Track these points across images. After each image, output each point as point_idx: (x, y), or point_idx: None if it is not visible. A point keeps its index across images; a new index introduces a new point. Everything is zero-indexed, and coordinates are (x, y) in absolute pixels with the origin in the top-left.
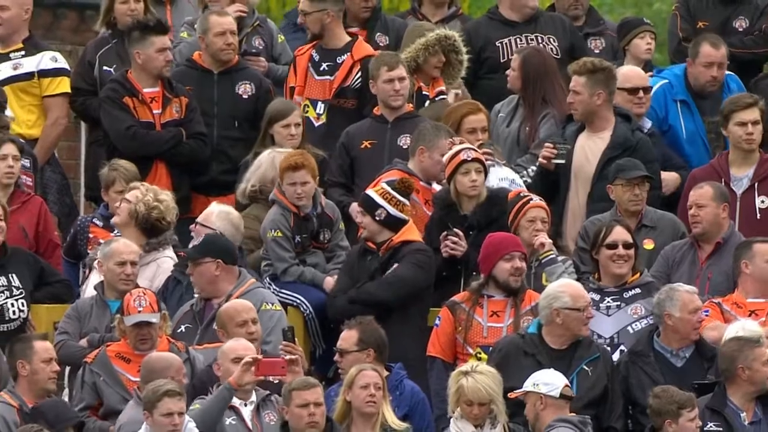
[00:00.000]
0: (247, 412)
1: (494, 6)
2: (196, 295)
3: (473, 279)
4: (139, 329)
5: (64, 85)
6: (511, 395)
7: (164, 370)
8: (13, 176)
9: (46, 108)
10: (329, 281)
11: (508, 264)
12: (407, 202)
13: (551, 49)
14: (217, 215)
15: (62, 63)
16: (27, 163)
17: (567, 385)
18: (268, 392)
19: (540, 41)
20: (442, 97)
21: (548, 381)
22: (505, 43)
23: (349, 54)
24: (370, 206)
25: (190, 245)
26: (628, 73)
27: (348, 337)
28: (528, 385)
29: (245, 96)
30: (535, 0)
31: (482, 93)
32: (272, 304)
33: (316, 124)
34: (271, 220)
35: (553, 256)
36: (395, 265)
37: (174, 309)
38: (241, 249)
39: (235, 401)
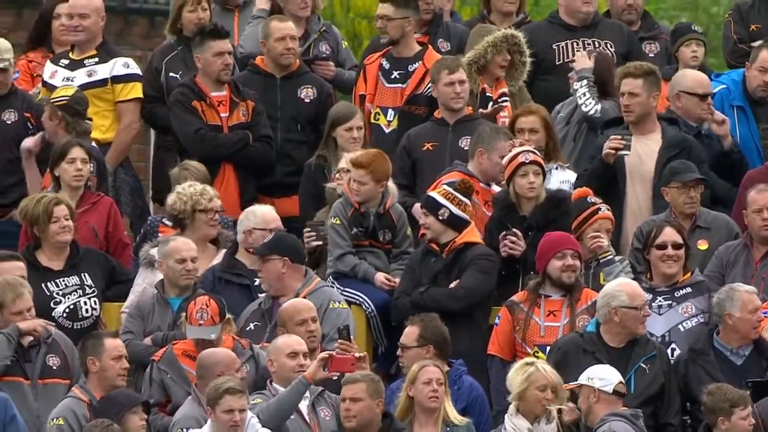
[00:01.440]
0: (303, 407)
1: (555, 10)
2: (263, 294)
3: (530, 278)
4: (198, 340)
5: (136, 90)
6: (566, 386)
7: (214, 365)
8: (81, 179)
9: (119, 113)
10: (379, 277)
11: (560, 261)
12: (469, 203)
13: (608, 54)
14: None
15: (134, 69)
16: (91, 167)
17: (621, 382)
18: (321, 388)
19: (597, 46)
20: (504, 99)
21: (603, 376)
22: (562, 47)
23: (420, 62)
24: (432, 207)
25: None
26: (700, 79)
27: (410, 333)
28: (582, 379)
29: (307, 100)
30: (590, 6)
31: (537, 94)
32: (339, 303)
33: (387, 131)
34: (334, 208)
35: (611, 257)
36: (462, 276)
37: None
38: None
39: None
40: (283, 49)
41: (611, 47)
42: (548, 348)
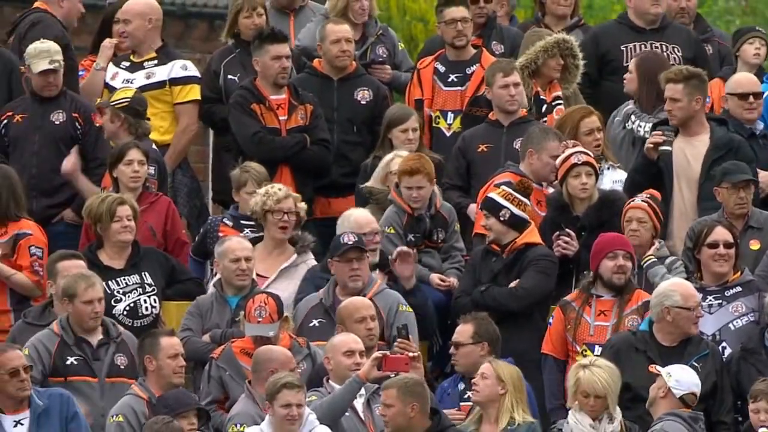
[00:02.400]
0: (359, 405)
1: (624, 12)
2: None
3: (583, 278)
4: (257, 337)
5: (194, 92)
6: (651, 368)
7: (269, 362)
8: (139, 180)
9: (177, 115)
10: (434, 278)
11: (611, 262)
12: (528, 203)
13: (674, 58)
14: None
15: (192, 71)
16: (152, 170)
17: (694, 394)
18: (377, 386)
19: (665, 49)
20: (558, 102)
21: (680, 379)
22: (630, 48)
23: (478, 64)
24: (493, 208)
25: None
26: (740, 78)
27: (463, 331)
28: (664, 371)
29: (363, 102)
30: (658, 7)
31: (604, 94)
32: (406, 306)
33: (448, 134)
34: (385, 218)
35: (654, 260)
36: (522, 276)
37: None
38: None
39: (361, 400)
40: (338, 51)
41: (678, 51)
42: (596, 347)
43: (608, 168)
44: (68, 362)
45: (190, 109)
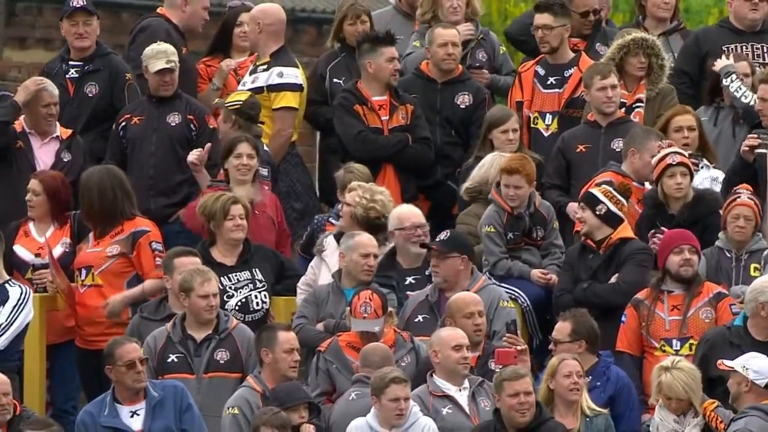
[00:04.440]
0: (463, 398)
1: (726, 17)
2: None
3: (652, 275)
4: (362, 333)
5: (287, 99)
6: (720, 365)
7: (366, 357)
8: (247, 173)
9: (273, 120)
10: (535, 273)
11: (678, 257)
12: (626, 203)
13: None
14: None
15: (288, 78)
16: (265, 171)
17: None
18: (481, 379)
19: (765, 51)
20: (639, 105)
21: (758, 369)
22: (731, 49)
23: (576, 67)
24: (591, 202)
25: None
26: None
27: (562, 329)
28: (737, 364)
29: (463, 106)
30: (756, 12)
31: (704, 93)
32: (507, 302)
33: (546, 135)
34: (486, 216)
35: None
36: (622, 271)
37: None
38: None
39: (450, 389)
40: (444, 54)
41: None
42: (674, 341)
43: (703, 167)
44: (169, 360)
45: (282, 116)
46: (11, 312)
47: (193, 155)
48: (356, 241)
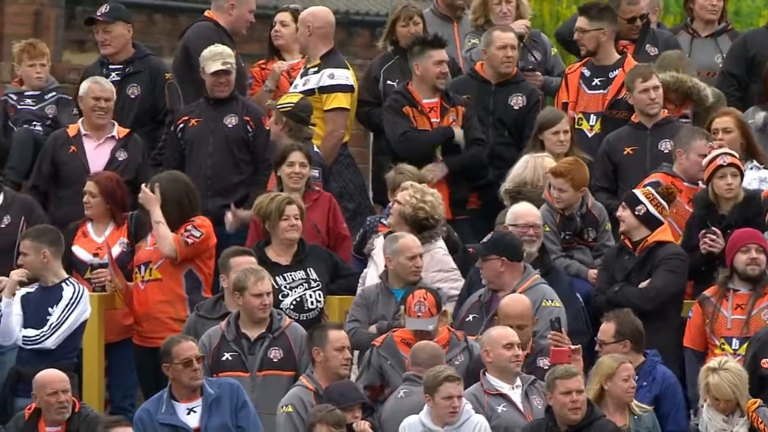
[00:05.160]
0: (516, 396)
1: None
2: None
3: (719, 273)
4: (417, 331)
5: (338, 100)
6: (764, 364)
7: (415, 355)
8: (300, 181)
9: (325, 121)
10: (591, 273)
11: (744, 255)
12: (667, 207)
13: None
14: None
15: (339, 80)
16: (316, 173)
17: None
18: (533, 377)
19: None
20: (686, 120)
21: None
22: None
23: (620, 69)
24: (632, 202)
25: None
26: None
27: (606, 330)
28: None
29: (516, 107)
30: None
31: (752, 96)
32: (551, 301)
33: (590, 135)
34: (541, 216)
35: None
36: (653, 276)
37: None
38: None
39: (504, 387)
40: (503, 57)
41: None
42: (734, 339)
43: (751, 168)
44: (223, 358)
45: (334, 117)
46: (63, 311)
47: (230, 225)
48: (401, 244)
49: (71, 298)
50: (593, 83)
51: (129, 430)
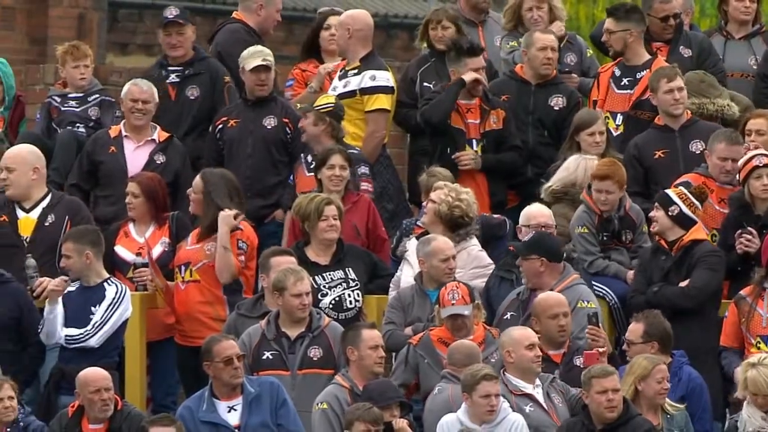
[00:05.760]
0: (540, 396)
1: None
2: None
3: (755, 272)
4: (453, 320)
5: (380, 101)
6: None
7: (452, 355)
8: (340, 183)
9: (366, 122)
10: (630, 275)
11: None
12: (700, 206)
13: None
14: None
15: (381, 81)
16: (366, 170)
17: None
18: (552, 376)
19: None
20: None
21: None
22: None
23: (648, 70)
24: (665, 202)
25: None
26: None
27: (635, 330)
28: None
29: (556, 108)
30: None
31: None
32: (587, 302)
33: (615, 134)
34: (578, 218)
35: None
36: (693, 275)
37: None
38: None
39: (527, 387)
40: (543, 58)
41: None
42: None
43: None
44: (264, 357)
45: (376, 117)
46: (106, 310)
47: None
48: (433, 247)
49: (114, 298)
50: (622, 83)
51: (170, 430)
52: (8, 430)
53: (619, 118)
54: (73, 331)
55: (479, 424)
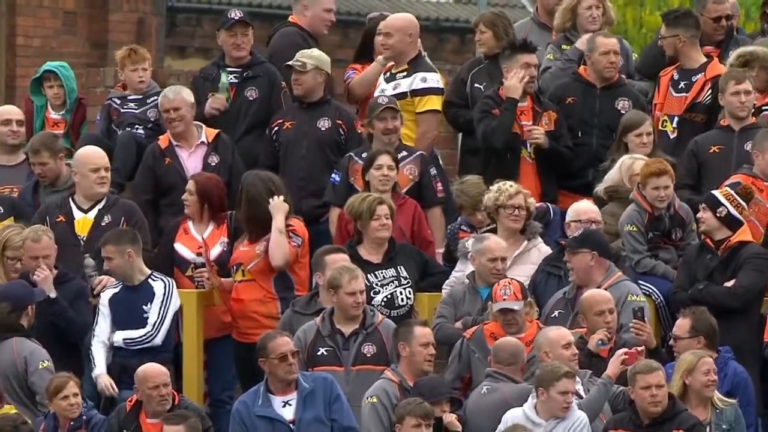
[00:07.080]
0: (581, 392)
1: None
2: (570, 283)
3: None
4: (504, 315)
5: (431, 102)
6: None
7: (497, 353)
8: (388, 183)
9: (417, 123)
10: None
11: None
12: (746, 207)
13: None
14: None
15: (431, 83)
16: (435, 171)
17: None
18: (589, 372)
19: None
20: (766, 108)
21: None
22: None
23: (703, 73)
24: (712, 204)
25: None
26: None
27: (682, 325)
28: None
29: (623, 111)
30: None
31: None
32: (636, 296)
33: (671, 137)
34: (627, 216)
35: None
36: (739, 275)
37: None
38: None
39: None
40: (607, 62)
41: None
42: None
43: None
44: (319, 353)
45: (429, 118)
46: (161, 307)
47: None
48: (485, 245)
49: (164, 293)
50: (679, 86)
51: (179, 428)
52: (72, 423)
53: (676, 120)
54: (133, 334)
55: (548, 418)
